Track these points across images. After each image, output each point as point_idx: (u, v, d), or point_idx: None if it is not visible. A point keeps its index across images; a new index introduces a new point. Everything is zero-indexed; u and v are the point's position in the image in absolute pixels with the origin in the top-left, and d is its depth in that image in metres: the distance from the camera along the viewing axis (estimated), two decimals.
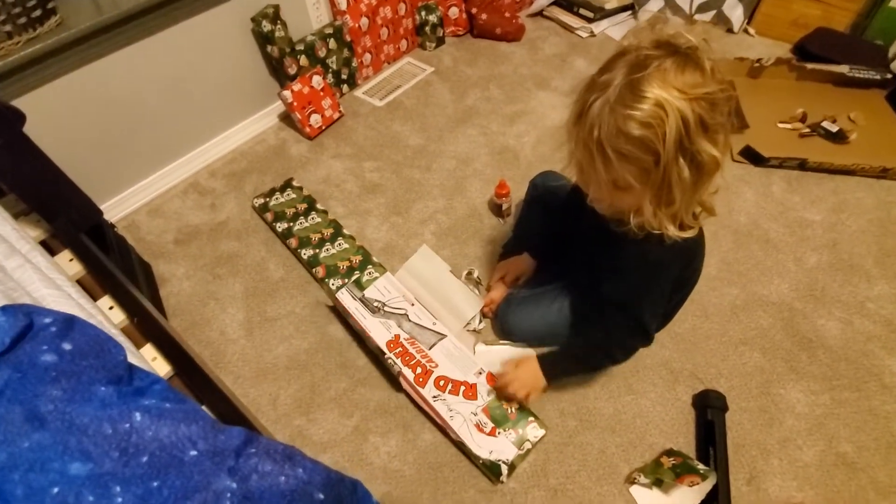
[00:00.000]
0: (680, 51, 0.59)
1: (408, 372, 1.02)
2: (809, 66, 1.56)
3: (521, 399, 0.96)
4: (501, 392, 0.97)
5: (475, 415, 0.98)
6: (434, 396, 0.99)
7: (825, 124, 1.44)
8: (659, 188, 0.65)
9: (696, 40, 0.59)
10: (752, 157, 1.41)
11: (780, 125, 1.47)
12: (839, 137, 1.41)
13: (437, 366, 1.03)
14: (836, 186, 1.36)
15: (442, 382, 1.01)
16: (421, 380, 1.01)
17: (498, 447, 0.94)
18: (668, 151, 0.60)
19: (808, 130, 1.45)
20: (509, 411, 0.98)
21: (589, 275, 0.87)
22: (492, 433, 0.96)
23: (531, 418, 0.98)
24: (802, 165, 1.38)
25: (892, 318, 1.10)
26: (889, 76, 1.53)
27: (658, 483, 0.90)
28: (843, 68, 1.53)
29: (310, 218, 1.35)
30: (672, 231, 0.69)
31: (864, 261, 1.20)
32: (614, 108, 0.60)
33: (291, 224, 1.34)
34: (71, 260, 0.96)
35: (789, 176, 1.39)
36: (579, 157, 0.69)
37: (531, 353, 1.08)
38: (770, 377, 1.04)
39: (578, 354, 0.95)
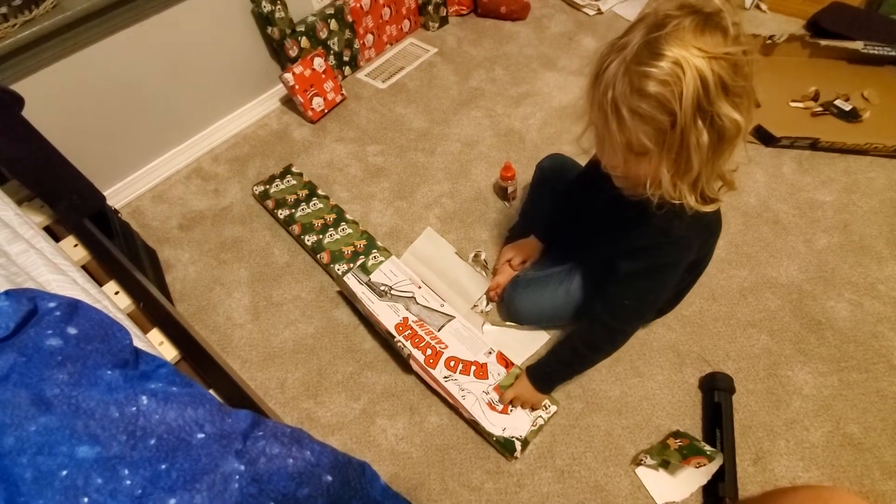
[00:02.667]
0: (701, 11, 0.57)
1: (418, 354, 1.02)
2: (823, 42, 1.52)
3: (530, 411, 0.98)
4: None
5: (487, 393, 0.98)
6: (445, 377, 1.00)
7: (838, 102, 1.41)
8: (677, 153, 0.62)
9: (719, 2, 0.57)
10: (763, 136, 1.39)
11: (792, 104, 1.44)
12: (852, 116, 1.38)
13: (446, 347, 1.04)
14: (847, 166, 1.33)
15: (452, 363, 1.02)
16: (431, 361, 1.02)
17: (511, 424, 0.95)
18: (685, 112, 0.57)
19: (820, 109, 1.42)
20: None
21: (605, 255, 0.85)
22: (504, 410, 0.96)
23: None
24: (814, 145, 1.36)
25: None
26: None
27: (664, 464, 0.90)
28: (858, 44, 1.49)
29: (311, 204, 1.34)
30: (693, 202, 0.67)
31: (875, 242, 1.18)
32: (630, 66, 0.58)
33: (293, 211, 1.33)
34: (76, 245, 0.96)
35: (800, 156, 1.36)
36: (595, 121, 0.67)
37: (544, 335, 1.08)
38: (778, 359, 1.03)
39: (565, 359, 0.93)
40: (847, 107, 1.39)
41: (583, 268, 1.02)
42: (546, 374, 0.94)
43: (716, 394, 0.96)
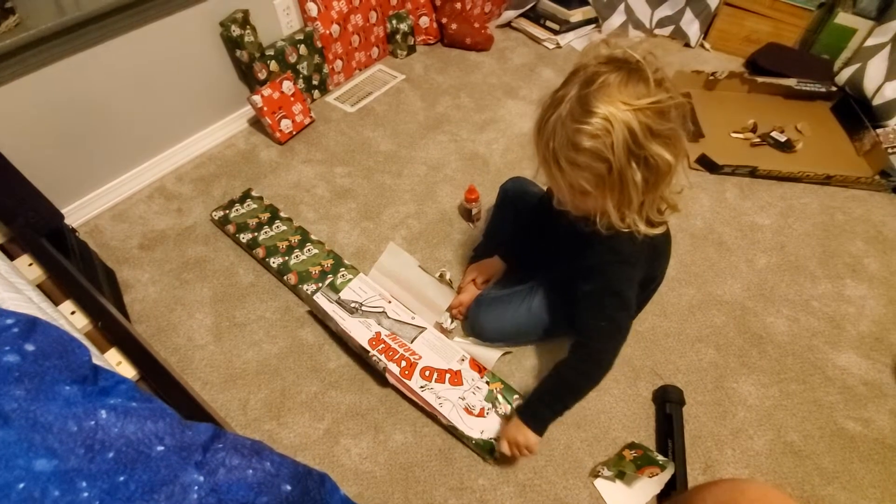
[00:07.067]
0: (625, 65, 0.64)
1: (393, 367, 1.04)
2: (760, 79, 1.66)
3: (527, 455, 0.90)
4: (512, 460, 0.94)
5: (463, 399, 1.01)
6: (421, 387, 1.02)
7: (774, 134, 1.53)
8: (619, 192, 0.70)
9: (640, 55, 0.64)
10: (707, 164, 1.49)
11: (733, 135, 1.56)
12: (787, 146, 1.51)
13: (420, 357, 1.06)
14: (784, 192, 1.44)
15: (427, 372, 1.04)
16: (407, 372, 1.04)
17: (488, 426, 0.98)
18: (618, 158, 0.64)
19: (758, 140, 1.54)
20: (494, 391, 1.03)
21: (564, 274, 0.91)
22: (480, 414, 0.99)
23: (516, 395, 1.02)
24: (753, 173, 1.47)
25: (835, 315, 1.18)
26: (834, 89, 1.64)
27: (621, 475, 0.93)
28: (791, 81, 1.63)
29: (275, 226, 1.34)
30: (642, 228, 0.74)
31: (808, 262, 1.28)
32: (565, 122, 0.66)
33: (256, 234, 1.32)
34: (31, 264, 0.94)
35: (741, 182, 1.47)
36: (541, 164, 0.74)
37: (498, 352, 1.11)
38: (724, 372, 1.09)
39: (558, 393, 0.88)
40: (782, 138, 1.52)
41: (544, 286, 1.06)
42: (540, 413, 0.88)
43: (667, 406, 1.01)
